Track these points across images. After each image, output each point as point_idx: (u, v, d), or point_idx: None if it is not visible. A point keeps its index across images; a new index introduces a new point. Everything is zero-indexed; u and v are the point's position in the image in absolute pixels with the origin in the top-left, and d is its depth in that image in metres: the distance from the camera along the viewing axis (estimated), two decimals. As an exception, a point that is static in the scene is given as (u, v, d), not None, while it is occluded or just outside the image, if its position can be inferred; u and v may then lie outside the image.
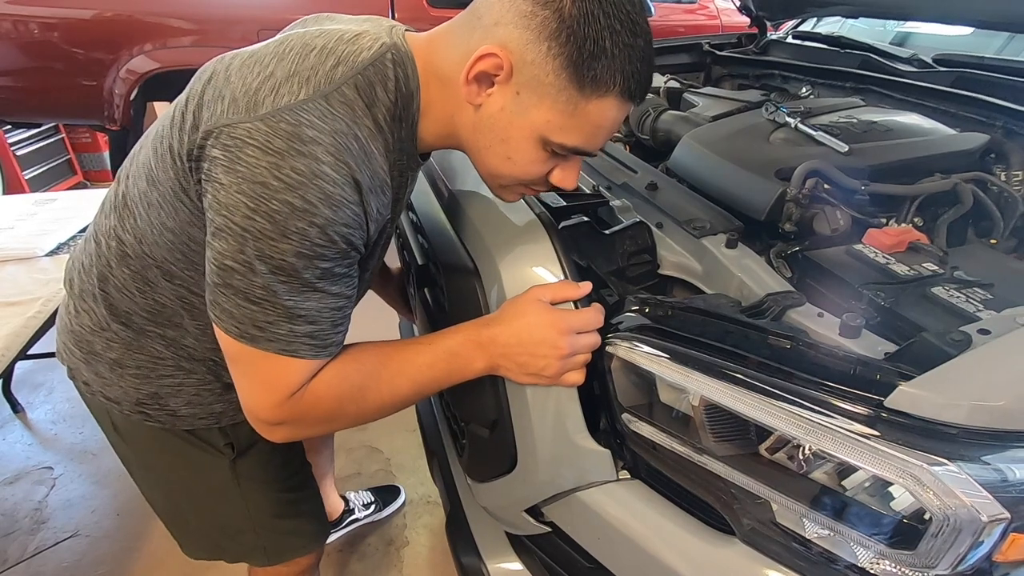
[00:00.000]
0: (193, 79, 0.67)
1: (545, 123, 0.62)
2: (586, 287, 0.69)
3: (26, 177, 3.30)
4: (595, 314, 0.68)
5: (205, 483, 0.89)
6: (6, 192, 3.16)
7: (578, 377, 0.69)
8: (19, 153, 3.30)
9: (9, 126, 3.18)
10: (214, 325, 0.63)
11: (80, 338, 0.80)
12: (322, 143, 0.57)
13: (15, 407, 2.08)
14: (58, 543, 1.61)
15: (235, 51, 0.66)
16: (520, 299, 0.68)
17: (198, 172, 0.61)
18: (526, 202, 0.80)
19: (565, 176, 0.69)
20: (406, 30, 0.68)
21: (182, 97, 0.66)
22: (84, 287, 0.79)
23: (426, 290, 0.95)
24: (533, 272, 0.72)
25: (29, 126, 3.30)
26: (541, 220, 0.75)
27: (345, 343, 0.69)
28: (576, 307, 0.69)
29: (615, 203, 0.95)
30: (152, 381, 0.79)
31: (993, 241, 0.92)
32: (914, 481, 0.50)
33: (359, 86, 0.61)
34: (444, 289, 0.85)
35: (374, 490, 1.72)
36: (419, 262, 0.96)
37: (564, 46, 0.58)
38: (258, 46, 0.65)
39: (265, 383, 0.63)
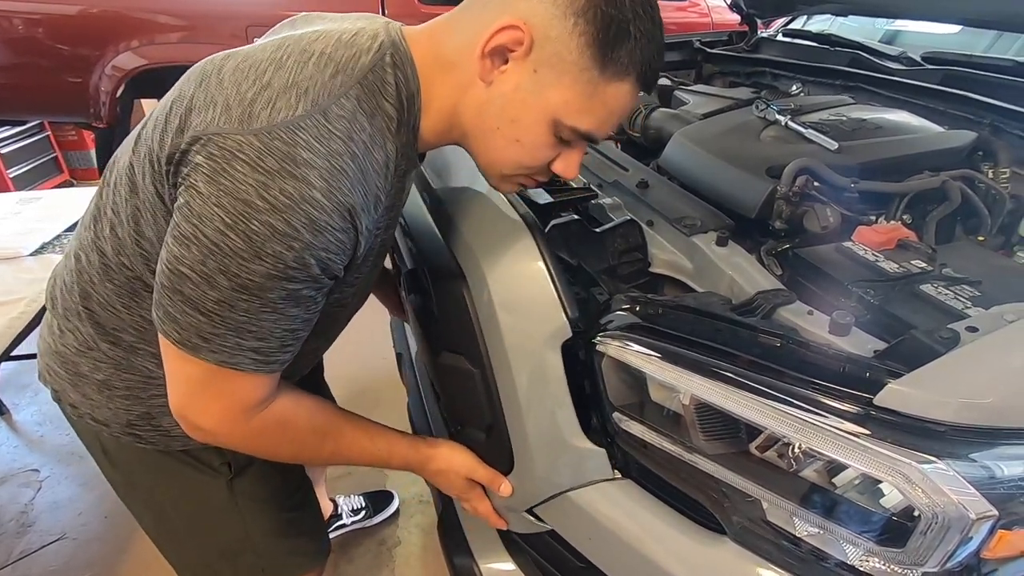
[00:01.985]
0: (182, 81, 0.64)
1: (562, 103, 0.60)
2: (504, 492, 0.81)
3: (11, 175, 3.26)
4: (483, 505, 0.86)
5: (201, 505, 0.87)
6: (-10, 191, 3.12)
7: (479, 506, 0.87)
8: (3, 151, 3.25)
9: (-7, 123, 3.14)
10: (156, 324, 0.61)
11: (65, 359, 0.77)
12: (316, 166, 0.54)
13: (0, 409, 2.05)
14: (45, 546, 1.59)
15: (227, 52, 0.63)
16: (455, 461, 0.83)
17: (175, 176, 0.58)
18: (511, 202, 0.78)
19: (568, 165, 0.68)
20: (402, 26, 0.66)
21: (168, 99, 0.63)
22: (67, 306, 0.75)
23: (415, 295, 0.94)
24: (520, 274, 0.71)
25: (14, 123, 3.25)
26: (526, 221, 0.74)
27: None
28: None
29: (606, 201, 0.95)
30: (143, 401, 0.76)
31: (981, 238, 0.93)
32: (903, 479, 0.50)
33: (359, 97, 0.59)
34: (433, 295, 0.84)
35: (367, 495, 1.68)
36: (408, 267, 0.95)
37: (590, 24, 0.56)
38: (254, 48, 0.62)
39: (203, 393, 0.63)
